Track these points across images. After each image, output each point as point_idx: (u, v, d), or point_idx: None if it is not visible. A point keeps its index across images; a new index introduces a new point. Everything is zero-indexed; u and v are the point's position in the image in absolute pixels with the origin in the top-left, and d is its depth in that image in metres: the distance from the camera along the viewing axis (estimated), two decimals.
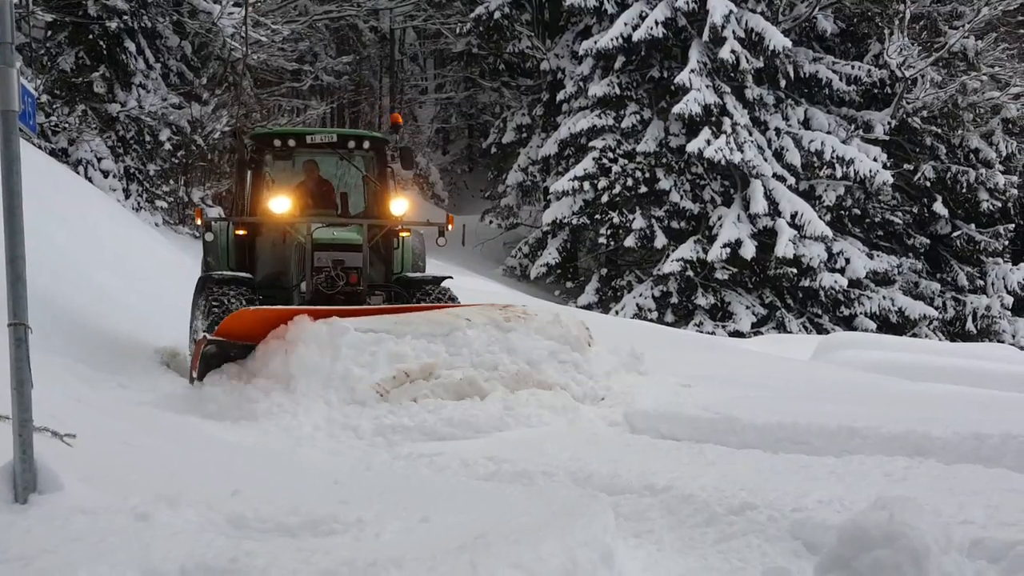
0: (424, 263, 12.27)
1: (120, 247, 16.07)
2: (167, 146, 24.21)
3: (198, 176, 25.82)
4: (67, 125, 22.52)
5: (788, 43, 28.37)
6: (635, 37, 28.92)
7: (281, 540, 4.31)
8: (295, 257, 11.13)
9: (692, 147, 27.89)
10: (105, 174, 22.58)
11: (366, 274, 10.91)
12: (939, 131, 30.71)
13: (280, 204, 10.74)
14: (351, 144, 11.79)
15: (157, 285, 15.35)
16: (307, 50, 35.78)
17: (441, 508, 4.98)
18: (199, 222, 11.40)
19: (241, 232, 11.65)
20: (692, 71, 28.16)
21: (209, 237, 11.40)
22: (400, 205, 11.23)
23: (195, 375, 9.27)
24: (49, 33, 23.43)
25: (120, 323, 12.45)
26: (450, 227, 11.50)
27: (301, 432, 8.07)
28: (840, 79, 30.31)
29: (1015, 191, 31.02)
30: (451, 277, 11.87)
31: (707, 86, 28.13)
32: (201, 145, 25.04)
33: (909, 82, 29.73)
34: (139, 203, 23.44)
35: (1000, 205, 30.87)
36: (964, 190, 30.39)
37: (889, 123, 29.82)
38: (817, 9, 30.14)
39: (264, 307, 9.94)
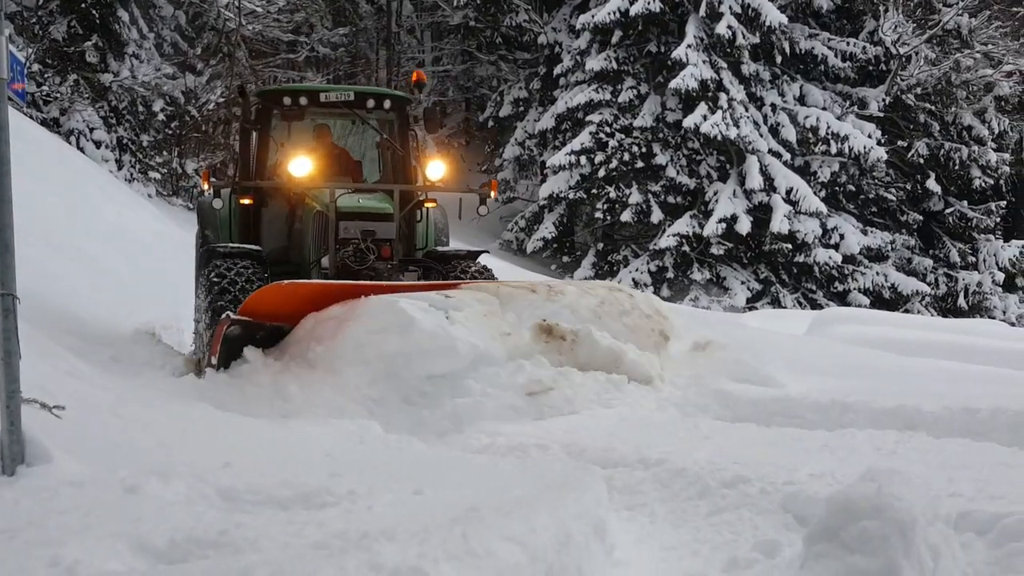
0: (448, 238, 11.14)
1: (114, 218, 16.03)
2: (160, 117, 24.12)
3: (192, 147, 25.73)
4: (59, 95, 22.41)
5: (784, 19, 28.27)
6: (632, 11, 28.78)
7: (272, 512, 4.30)
8: (313, 228, 9.83)
9: (688, 122, 27.83)
10: (97, 144, 22.49)
11: (399, 247, 9.74)
12: (933, 108, 30.66)
13: (300, 166, 9.45)
14: (370, 103, 10.49)
15: (151, 257, 15.33)
16: (303, 21, 35.55)
17: (434, 481, 4.98)
18: (205, 187, 10.22)
19: (246, 201, 10.35)
20: (689, 46, 28.05)
21: (218, 204, 10.06)
22: (437, 168, 9.83)
23: (215, 361, 8.06)
24: (41, 1, 23.26)
25: (113, 295, 12.43)
26: (493, 194, 10.11)
27: None
28: (835, 55, 30.22)
29: (1007, 168, 31.02)
30: (487, 251, 10.89)
31: (704, 61, 28.03)
32: (195, 116, 24.96)
33: (903, 59, 29.66)
34: (132, 174, 23.36)
35: (992, 182, 30.89)
36: (957, 167, 30.38)
37: (883, 100, 29.78)
38: None
39: (302, 280, 8.88)
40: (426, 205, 10.52)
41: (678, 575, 4.51)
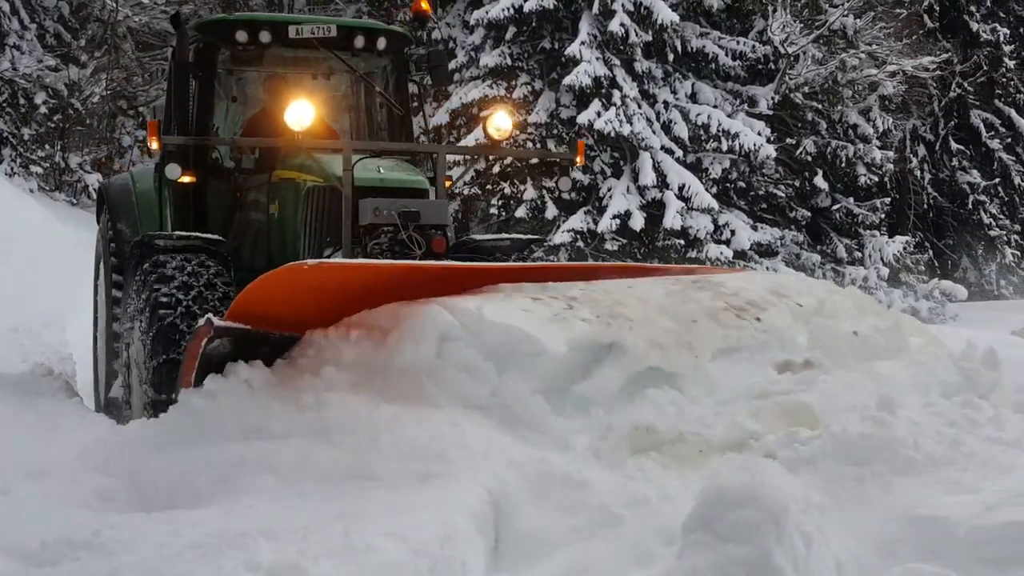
0: None
1: None
2: (43, 110, 23.44)
3: (76, 141, 25.10)
4: None
5: (676, 17, 28.63)
6: (526, 8, 28.85)
7: (149, 513, 4.22)
8: (305, 212, 7.08)
9: (583, 119, 27.99)
10: None
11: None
12: (820, 107, 31.40)
13: (301, 113, 6.65)
14: (359, 42, 7.76)
15: (33, 253, 14.91)
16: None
17: (320, 478, 4.92)
18: (154, 145, 6.96)
19: (186, 178, 7.31)
20: (582, 43, 28.25)
21: (175, 172, 7.01)
22: (503, 121, 7.43)
23: (186, 388, 5.16)
24: None
25: None
26: (578, 160, 8.11)
27: None
28: (726, 54, 30.71)
29: (891, 166, 31.95)
30: (539, 239, 8.56)
31: (597, 58, 28.24)
32: (79, 109, 24.36)
33: (791, 58, 30.31)
34: (12, 168, 22.68)
35: (877, 179, 31.76)
36: (843, 165, 31.16)
37: (773, 98, 30.36)
38: None
39: (347, 260, 6.13)
40: None
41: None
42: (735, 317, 5.58)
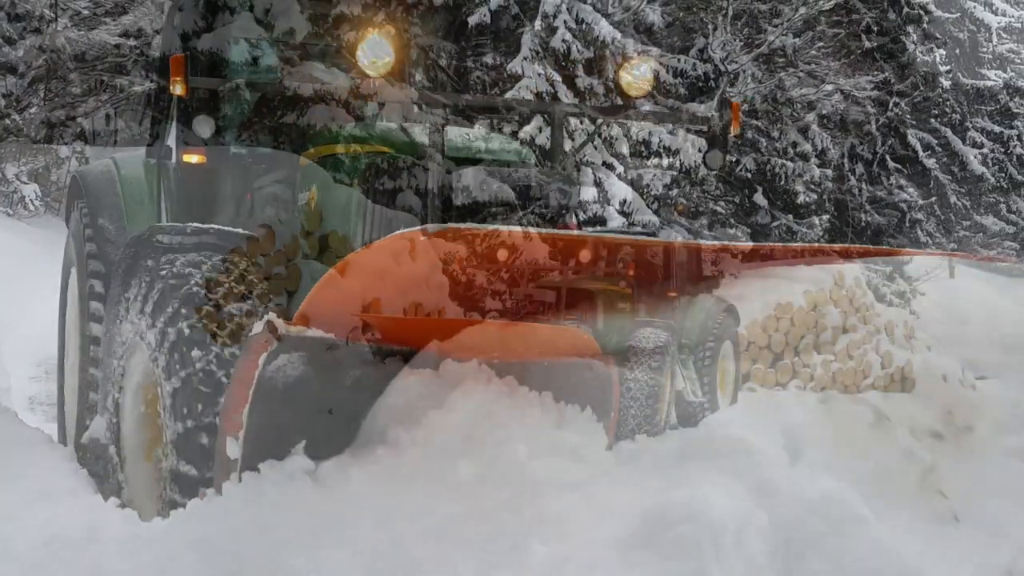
0: None
1: None
2: None
3: (13, 152, 24.79)
4: None
5: (617, 34, 28.69)
6: (469, 23, 28.91)
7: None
8: (370, 193, 5.32)
9: (524, 134, 28.05)
10: None
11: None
12: (760, 125, 31.74)
13: (378, 49, 4.92)
14: None
15: None
16: (131, 24, 34.60)
17: None
18: (178, 89, 4.92)
19: (194, 158, 5.93)
20: (524, 59, 28.32)
21: (206, 129, 5.01)
22: (642, 70, 6.06)
23: (232, 449, 3.66)
24: None
25: None
26: (735, 127, 6.33)
27: None
28: (667, 71, 30.96)
29: (829, 184, 32.35)
30: (653, 234, 6.64)
31: (539, 74, 28.31)
32: (16, 119, 24.06)
33: (732, 76, 30.63)
34: None
35: (816, 197, 32.13)
36: (783, 182, 31.50)
37: (713, 115, 30.64)
38: (646, 2, 30.74)
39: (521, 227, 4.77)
40: None
41: None
42: None
